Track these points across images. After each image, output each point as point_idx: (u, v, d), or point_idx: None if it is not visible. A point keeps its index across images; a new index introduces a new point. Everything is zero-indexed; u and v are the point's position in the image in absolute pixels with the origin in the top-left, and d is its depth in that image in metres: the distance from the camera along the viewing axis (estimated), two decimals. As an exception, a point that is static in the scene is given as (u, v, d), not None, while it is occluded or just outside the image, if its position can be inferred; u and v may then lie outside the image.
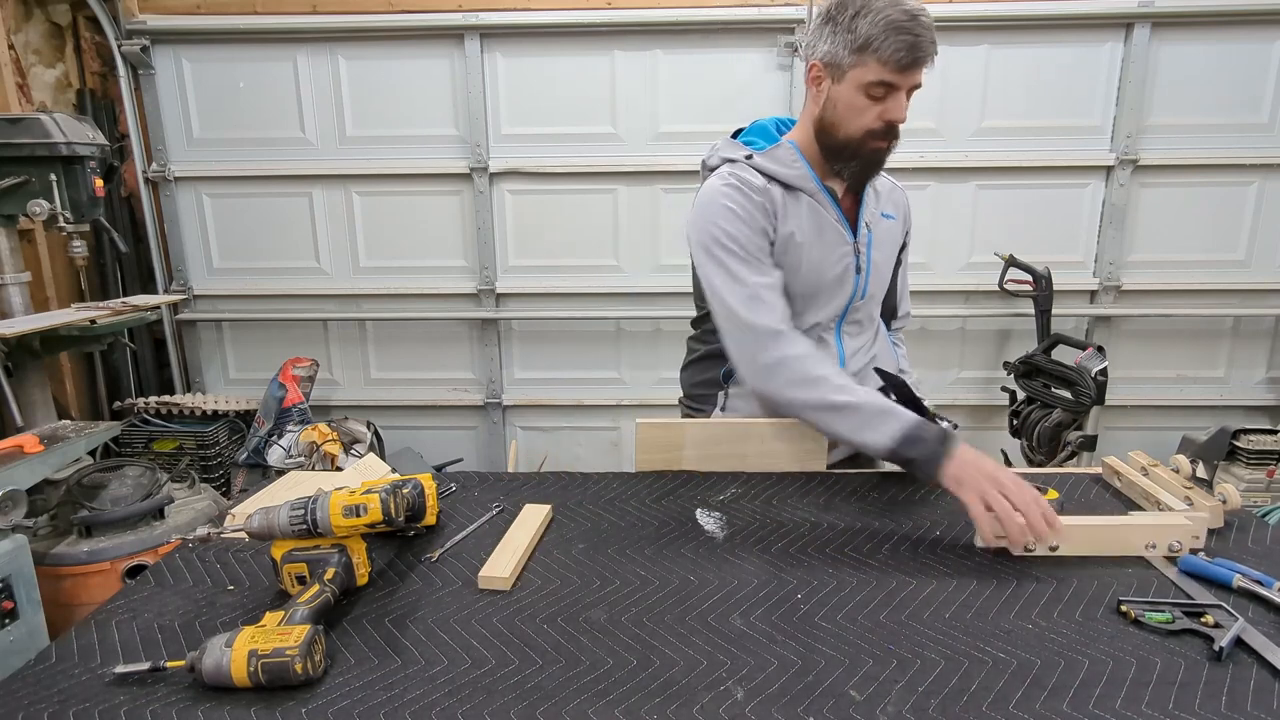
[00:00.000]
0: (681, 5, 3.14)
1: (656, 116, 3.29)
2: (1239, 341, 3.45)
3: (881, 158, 1.36)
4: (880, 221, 1.49)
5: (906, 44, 1.22)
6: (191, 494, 2.53)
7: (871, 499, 1.35)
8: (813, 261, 1.41)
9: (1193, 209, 3.30)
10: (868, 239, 1.46)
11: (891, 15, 1.22)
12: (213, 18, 3.23)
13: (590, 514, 1.31)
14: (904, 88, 1.29)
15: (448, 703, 0.83)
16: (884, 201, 1.51)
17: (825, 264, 1.42)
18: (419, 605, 1.02)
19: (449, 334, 3.56)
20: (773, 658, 0.90)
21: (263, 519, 1.00)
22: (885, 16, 1.22)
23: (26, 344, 2.37)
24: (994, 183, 3.31)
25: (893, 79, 1.26)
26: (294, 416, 3.16)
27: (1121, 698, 0.82)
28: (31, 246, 3.01)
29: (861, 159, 1.36)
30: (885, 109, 1.29)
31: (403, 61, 3.27)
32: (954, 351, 3.50)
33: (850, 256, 1.45)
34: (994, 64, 3.20)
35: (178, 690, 0.84)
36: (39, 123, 2.31)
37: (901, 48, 1.22)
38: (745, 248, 1.36)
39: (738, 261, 1.35)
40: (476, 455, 3.69)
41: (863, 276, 1.47)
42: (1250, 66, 3.15)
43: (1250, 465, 3.02)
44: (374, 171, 3.37)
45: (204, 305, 3.55)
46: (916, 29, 1.22)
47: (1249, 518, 1.23)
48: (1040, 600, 1.01)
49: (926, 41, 1.23)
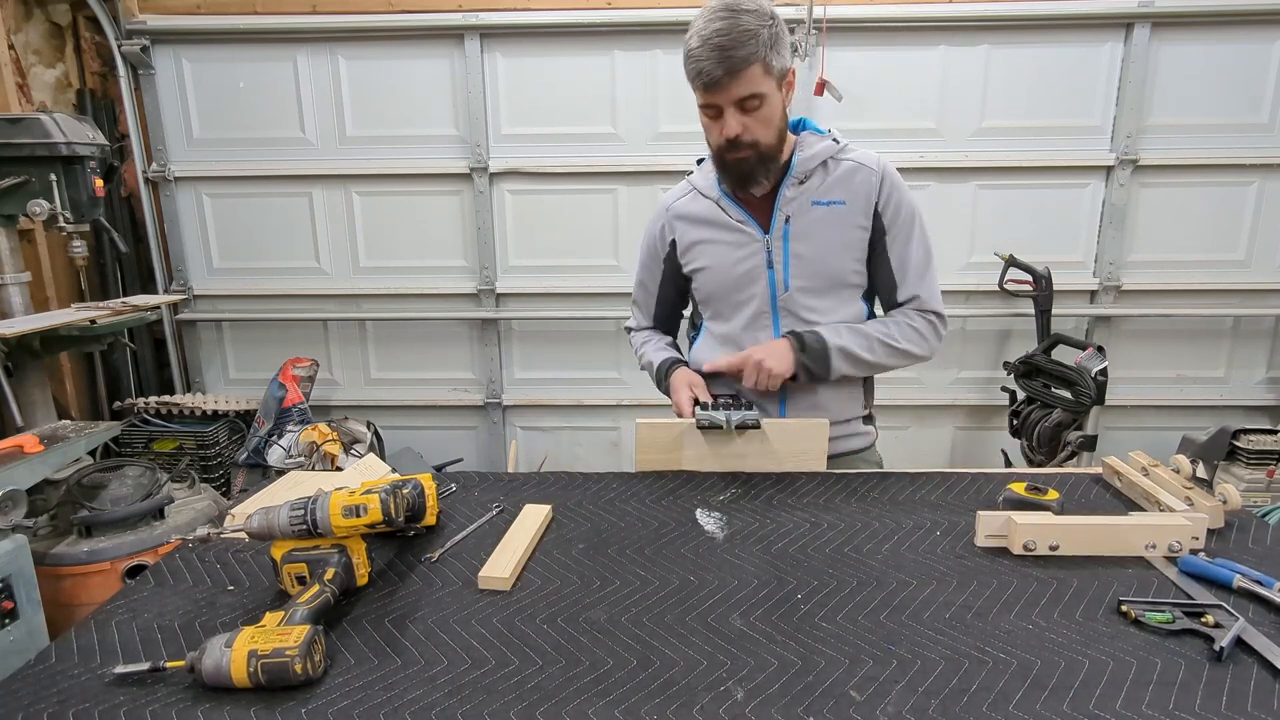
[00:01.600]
0: (680, 5, 3.14)
1: (656, 116, 3.29)
2: (1239, 341, 3.45)
3: (746, 168, 1.41)
4: (809, 211, 1.47)
5: (698, 69, 1.31)
6: (191, 494, 2.53)
7: (871, 499, 1.35)
8: (715, 258, 1.54)
9: (1193, 209, 3.30)
10: (784, 232, 1.48)
11: (690, 45, 1.31)
12: (213, 18, 3.23)
13: (590, 514, 1.31)
14: (724, 104, 1.34)
15: (448, 703, 0.83)
16: (828, 188, 1.47)
17: (728, 261, 1.53)
18: (419, 605, 1.02)
19: (449, 334, 3.56)
20: (773, 658, 0.90)
21: (263, 519, 1.00)
22: (689, 48, 1.32)
23: (26, 344, 2.37)
24: (994, 183, 3.31)
25: (707, 100, 1.35)
26: (294, 416, 3.16)
27: (1121, 698, 0.82)
28: (31, 246, 3.01)
29: (729, 171, 1.44)
30: (720, 127, 1.37)
31: (403, 61, 3.27)
32: (954, 351, 3.50)
33: (760, 253, 1.49)
34: (994, 64, 3.20)
35: (178, 690, 0.84)
36: (39, 123, 2.31)
37: (695, 73, 1.32)
38: (644, 261, 1.70)
39: (641, 268, 1.71)
40: (476, 455, 3.69)
41: (778, 271, 1.49)
42: (1250, 66, 3.15)
43: (1250, 465, 3.02)
44: (374, 171, 3.37)
45: (204, 305, 3.55)
46: (703, 53, 1.29)
47: (1249, 518, 1.23)
48: (1040, 600, 1.01)
49: (714, 62, 1.28)
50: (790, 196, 1.47)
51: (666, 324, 1.78)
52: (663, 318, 1.76)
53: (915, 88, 3.22)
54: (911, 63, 3.20)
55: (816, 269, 1.49)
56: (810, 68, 3.16)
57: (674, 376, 1.59)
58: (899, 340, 1.51)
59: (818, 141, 1.49)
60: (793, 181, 1.47)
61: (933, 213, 3.31)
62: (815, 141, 1.49)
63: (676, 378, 1.58)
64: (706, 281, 1.58)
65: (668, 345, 1.73)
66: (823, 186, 1.48)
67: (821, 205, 1.47)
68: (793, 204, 1.47)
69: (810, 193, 1.47)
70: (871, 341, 1.49)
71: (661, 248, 1.63)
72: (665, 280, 1.67)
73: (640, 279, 1.73)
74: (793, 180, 1.47)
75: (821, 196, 1.47)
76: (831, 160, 1.48)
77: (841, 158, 1.49)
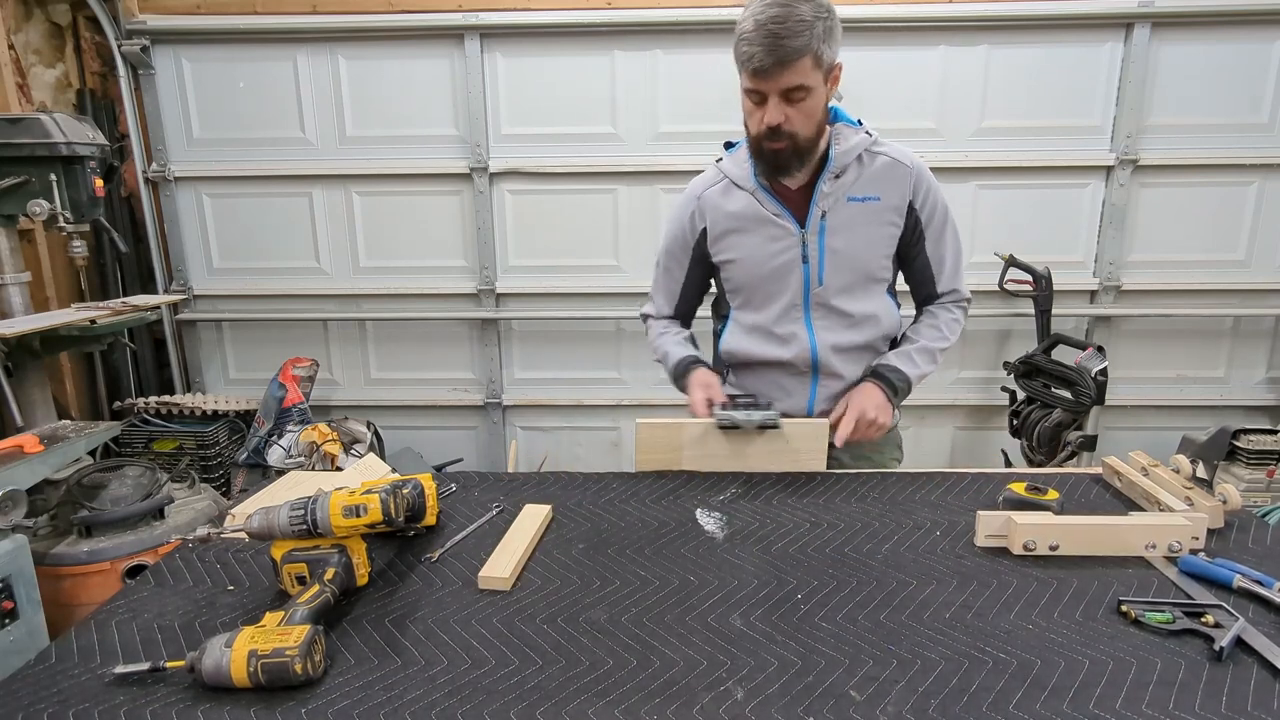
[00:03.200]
0: (681, 5, 3.14)
1: (656, 116, 3.29)
2: (1239, 341, 3.44)
3: (782, 159, 1.41)
4: (845, 207, 1.48)
5: (749, 53, 1.30)
6: (191, 494, 2.52)
7: (871, 499, 1.35)
8: (749, 250, 1.54)
9: (1193, 209, 3.30)
10: (820, 228, 1.49)
11: (743, 27, 1.31)
12: (213, 18, 3.23)
13: (590, 514, 1.31)
14: (769, 93, 1.34)
15: (448, 703, 0.83)
16: (864, 184, 1.48)
17: (763, 254, 1.52)
18: (419, 605, 1.02)
19: (449, 334, 3.56)
20: (773, 658, 0.90)
21: (263, 519, 1.00)
22: (741, 29, 1.32)
23: (26, 344, 2.37)
24: (994, 183, 3.30)
25: (754, 85, 1.35)
26: (294, 416, 3.16)
27: (1121, 698, 0.82)
28: (31, 246, 3.01)
29: (764, 159, 1.44)
30: (763, 113, 1.37)
31: (403, 61, 3.27)
32: (954, 351, 3.46)
33: (796, 247, 1.50)
34: (994, 64, 3.20)
35: (178, 690, 0.84)
36: (39, 123, 2.31)
37: (745, 57, 1.31)
38: (669, 248, 1.66)
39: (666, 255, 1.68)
40: (476, 455, 3.69)
41: (813, 265, 1.50)
42: (1250, 66, 3.15)
43: (1250, 465, 3.02)
44: (374, 171, 3.36)
45: (204, 305, 3.55)
46: (756, 38, 1.28)
47: (1249, 518, 1.23)
48: (1040, 600, 1.01)
49: (766, 50, 1.28)
50: (827, 191, 1.48)
51: (686, 314, 1.77)
52: (684, 307, 1.74)
53: (915, 88, 3.22)
54: (911, 63, 3.20)
55: (850, 264, 1.51)
56: (810, 68, 3.16)
57: (692, 377, 1.59)
58: (950, 339, 1.60)
59: (853, 134, 1.49)
60: (829, 176, 1.47)
61: (933, 213, 3.32)
62: (851, 134, 1.49)
63: (694, 379, 1.58)
64: (738, 273, 1.57)
65: (685, 340, 1.71)
66: (859, 182, 1.48)
67: (857, 201, 1.49)
68: (829, 199, 1.48)
69: (846, 187, 1.48)
70: (934, 354, 1.58)
71: (691, 236, 1.61)
72: (692, 267, 1.65)
73: (665, 265, 1.69)
74: (829, 175, 1.47)
75: (857, 192, 1.48)
76: (866, 154, 1.49)
77: (876, 151, 1.49)
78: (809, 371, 1.57)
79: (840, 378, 1.57)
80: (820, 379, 1.58)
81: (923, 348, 1.57)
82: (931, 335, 1.59)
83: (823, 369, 1.56)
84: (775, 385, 1.60)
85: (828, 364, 1.55)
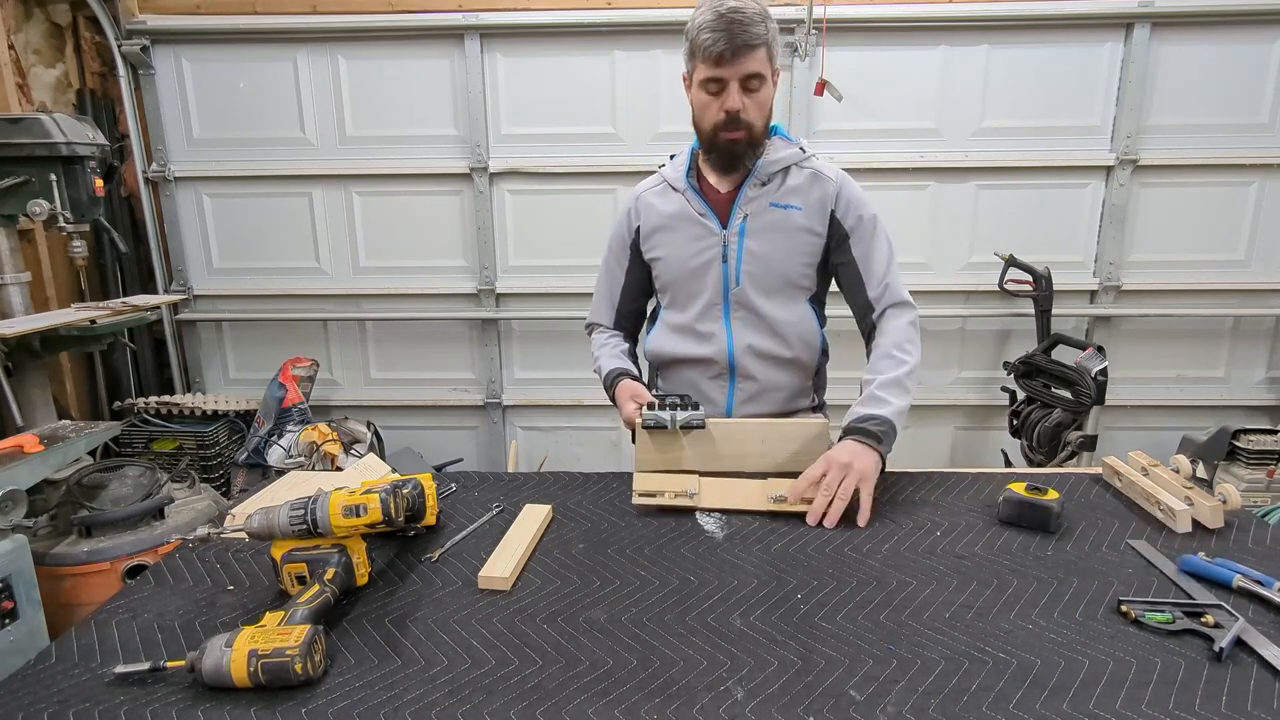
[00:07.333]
0: (679, 6, 3.14)
1: (656, 116, 3.29)
2: (1239, 341, 3.45)
3: (738, 148, 1.46)
4: (767, 212, 1.53)
5: (711, 40, 1.35)
6: (191, 494, 2.52)
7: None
8: (675, 248, 1.59)
9: (1193, 209, 3.30)
10: (740, 229, 1.53)
11: (703, 18, 1.37)
12: (213, 18, 3.23)
13: (590, 514, 1.31)
14: (730, 79, 1.39)
15: (448, 703, 0.83)
16: (787, 193, 1.53)
17: (687, 252, 1.57)
18: (419, 605, 1.02)
19: (449, 334, 3.56)
20: (773, 658, 0.90)
21: (263, 519, 1.00)
22: (701, 19, 1.37)
23: (26, 344, 2.37)
24: (994, 183, 3.30)
25: (714, 73, 1.39)
26: (294, 416, 3.16)
27: (1121, 698, 0.82)
28: (31, 246, 3.01)
29: (719, 150, 1.49)
30: (722, 101, 1.41)
31: (403, 61, 3.27)
32: (954, 351, 3.50)
33: (716, 246, 1.54)
34: (994, 64, 3.20)
35: (178, 690, 0.84)
36: (39, 123, 2.31)
37: (707, 44, 1.36)
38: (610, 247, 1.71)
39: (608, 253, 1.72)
40: (476, 455, 3.69)
41: (731, 265, 1.54)
42: (1250, 66, 3.15)
43: (1250, 465, 3.02)
44: (374, 171, 3.36)
45: (204, 305, 3.55)
46: (720, 24, 1.34)
47: (1249, 518, 1.23)
48: (1040, 600, 1.01)
49: (728, 36, 1.34)
50: (751, 196, 1.53)
51: (628, 319, 1.76)
52: (625, 309, 1.73)
53: (915, 88, 3.22)
54: (911, 63, 3.20)
55: (767, 268, 1.55)
56: (810, 68, 3.16)
57: (618, 390, 1.59)
58: (909, 357, 1.48)
59: (785, 147, 1.55)
60: (755, 182, 1.53)
61: (932, 213, 3.32)
62: (782, 147, 1.55)
63: (620, 391, 1.58)
64: (665, 270, 1.62)
65: (622, 353, 1.71)
66: (781, 190, 1.54)
67: (779, 207, 1.53)
68: (753, 203, 1.53)
69: (770, 195, 1.53)
70: (900, 381, 1.44)
71: (629, 234, 1.66)
72: (631, 266, 1.69)
73: (607, 265, 1.72)
74: (755, 181, 1.53)
75: (780, 200, 1.53)
76: (795, 167, 1.54)
77: (804, 165, 1.55)
78: (727, 373, 1.60)
79: (755, 380, 1.60)
80: (738, 380, 1.61)
81: (897, 382, 1.44)
82: (887, 366, 1.46)
83: (740, 370, 1.59)
84: (694, 388, 1.64)
85: (744, 365, 1.58)
